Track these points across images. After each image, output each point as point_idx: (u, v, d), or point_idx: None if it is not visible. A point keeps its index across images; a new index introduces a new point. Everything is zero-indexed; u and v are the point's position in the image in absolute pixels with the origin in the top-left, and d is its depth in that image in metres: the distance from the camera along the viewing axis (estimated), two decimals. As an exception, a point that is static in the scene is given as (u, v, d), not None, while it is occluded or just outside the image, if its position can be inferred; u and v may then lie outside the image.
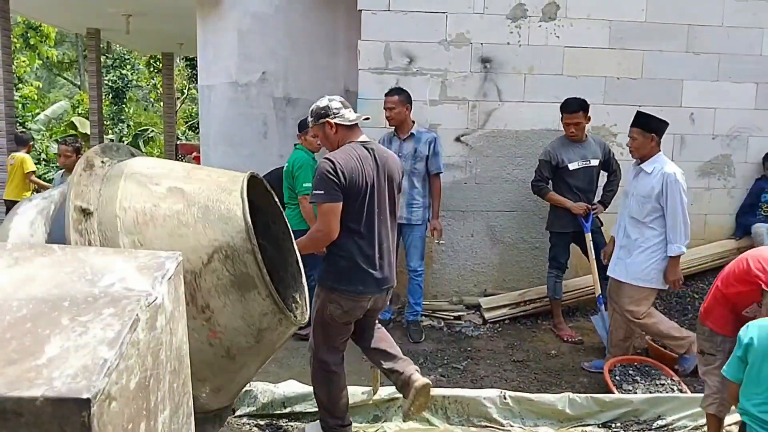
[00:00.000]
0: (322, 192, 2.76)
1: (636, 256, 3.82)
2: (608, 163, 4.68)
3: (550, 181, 4.66)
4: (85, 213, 1.92)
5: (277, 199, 2.57)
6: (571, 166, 4.53)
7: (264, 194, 2.48)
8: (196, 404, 1.68)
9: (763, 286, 2.60)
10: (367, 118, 3.09)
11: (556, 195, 4.61)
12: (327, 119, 2.92)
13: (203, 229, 1.97)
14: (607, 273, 4.08)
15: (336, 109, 2.93)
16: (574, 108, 4.47)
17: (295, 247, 2.58)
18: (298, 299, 2.48)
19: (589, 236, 4.51)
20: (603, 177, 4.75)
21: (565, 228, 4.62)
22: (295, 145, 4.78)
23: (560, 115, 4.59)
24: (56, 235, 1.93)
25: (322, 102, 2.97)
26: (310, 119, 3.04)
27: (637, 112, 4.01)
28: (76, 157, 5.26)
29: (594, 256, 4.47)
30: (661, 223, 3.78)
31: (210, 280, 1.93)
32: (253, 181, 2.29)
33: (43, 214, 2.04)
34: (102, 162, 2.13)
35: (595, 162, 4.58)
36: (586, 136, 4.62)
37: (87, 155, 2.12)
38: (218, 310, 1.94)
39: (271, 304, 2.01)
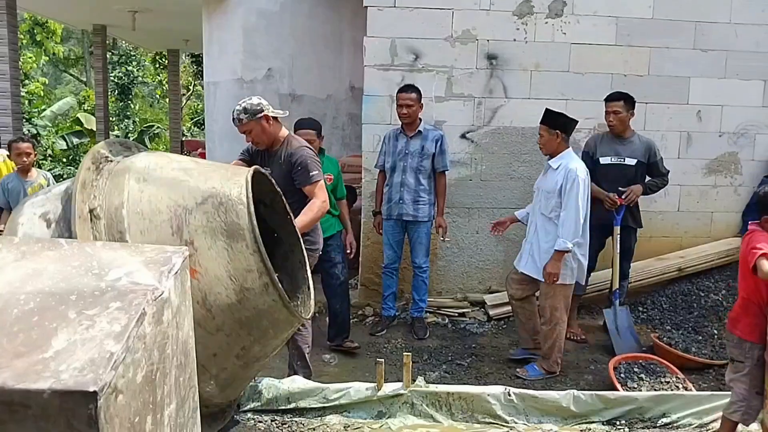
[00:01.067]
0: (318, 171, 3.32)
1: (544, 252, 3.87)
2: (653, 166, 4.48)
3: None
4: (93, 215, 1.94)
5: (291, 216, 2.60)
6: (603, 160, 4.44)
7: (281, 214, 2.51)
8: None
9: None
10: (286, 114, 3.51)
11: (594, 186, 4.32)
12: (264, 113, 3.30)
13: (204, 180, 2.06)
14: (520, 269, 4.05)
15: (267, 104, 3.36)
16: (614, 96, 4.44)
17: (308, 272, 2.59)
18: (304, 305, 2.47)
19: (617, 230, 4.43)
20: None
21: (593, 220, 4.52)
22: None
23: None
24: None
25: (253, 100, 3.36)
26: (243, 116, 3.33)
27: (546, 109, 4.08)
28: (34, 155, 4.82)
29: (618, 251, 4.43)
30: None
31: (200, 219, 1.96)
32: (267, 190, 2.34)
33: (48, 216, 2.05)
34: (108, 158, 2.14)
35: (631, 161, 4.42)
36: (633, 133, 4.51)
37: (93, 150, 2.13)
38: (202, 251, 1.94)
39: (258, 262, 2.00)
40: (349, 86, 6.94)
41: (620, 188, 4.38)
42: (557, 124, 3.91)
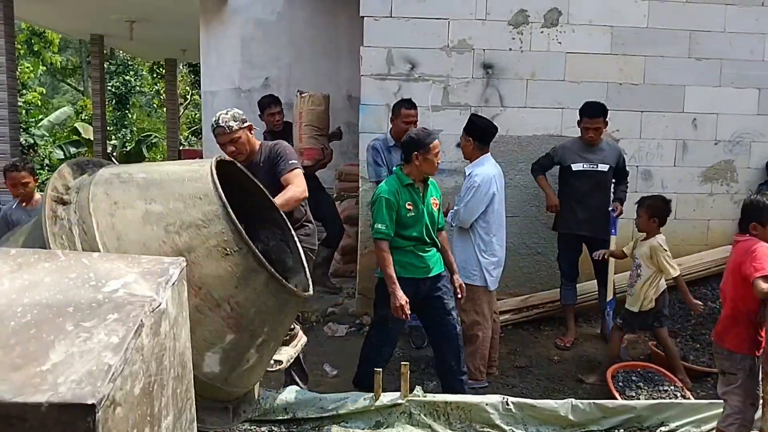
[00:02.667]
0: (296, 161, 3.42)
1: (459, 254, 3.91)
2: (621, 170, 4.63)
3: (549, 174, 4.74)
4: (63, 202, 1.94)
5: (269, 195, 2.56)
6: (575, 167, 4.51)
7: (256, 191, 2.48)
8: None
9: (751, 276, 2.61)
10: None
11: (543, 180, 4.65)
12: (249, 123, 3.46)
13: (181, 213, 1.98)
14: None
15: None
16: (596, 113, 4.47)
17: (302, 255, 2.57)
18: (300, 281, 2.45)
19: (614, 239, 4.47)
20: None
21: (567, 229, 4.61)
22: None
23: (578, 119, 4.58)
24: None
25: (234, 110, 3.45)
26: (233, 123, 3.35)
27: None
28: (34, 182, 4.16)
29: (612, 261, 4.46)
30: (476, 224, 3.91)
31: (199, 250, 1.91)
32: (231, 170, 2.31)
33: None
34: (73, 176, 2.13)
35: (603, 167, 4.52)
36: (602, 140, 4.60)
37: (60, 169, 2.13)
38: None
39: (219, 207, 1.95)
40: (346, 95, 6.96)
41: (610, 209, 4.51)
42: (470, 131, 4.03)
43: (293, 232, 2.57)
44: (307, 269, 2.51)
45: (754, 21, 5.25)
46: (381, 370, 3.32)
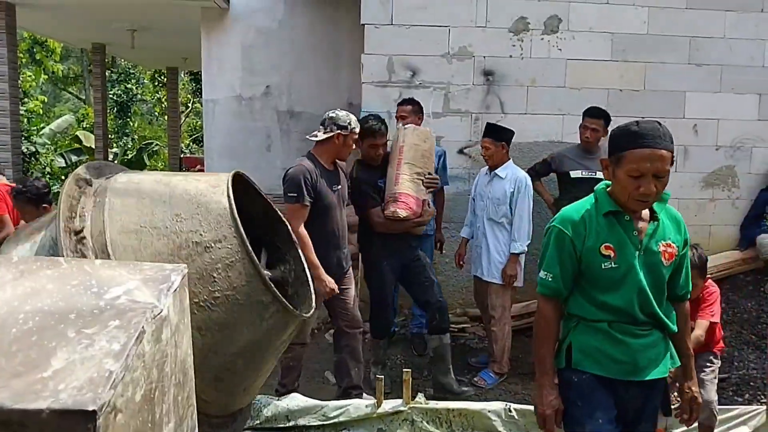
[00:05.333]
0: (293, 193, 3.38)
1: (497, 255, 4.15)
2: None
3: (544, 179, 4.81)
4: (77, 234, 1.93)
5: (275, 209, 2.57)
6: (573, 174, 4.52)
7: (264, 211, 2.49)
8: None
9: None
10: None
11: (540, 185, 4.71)
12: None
13: (191, 235, 2.00)
14: (479, 276, 4.28)
15: None
16: (596, 113, 4.52)
17: (302, 257, 2.58)
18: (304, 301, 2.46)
19: None
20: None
21: None
22: None
23: (576, 123, 4.61)
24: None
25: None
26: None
27: (487, 123, 4.42)
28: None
29: None
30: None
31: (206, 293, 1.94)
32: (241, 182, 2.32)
33: (35, 240, 2.04)
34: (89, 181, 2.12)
35: (602, 175, 4.54)
36: (599, 148, 4.60)
37: (75, 173, 2.12)
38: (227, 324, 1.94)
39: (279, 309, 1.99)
40: (347, 103, 6.98)
41: None
42: (502, 137, 4.19)
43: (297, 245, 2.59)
44: (312, 285, 2.53)
45: (754, 27, 5.26)
46: (383, 377, 3.32)
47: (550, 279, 2.08)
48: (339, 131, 3.47)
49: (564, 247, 2.05)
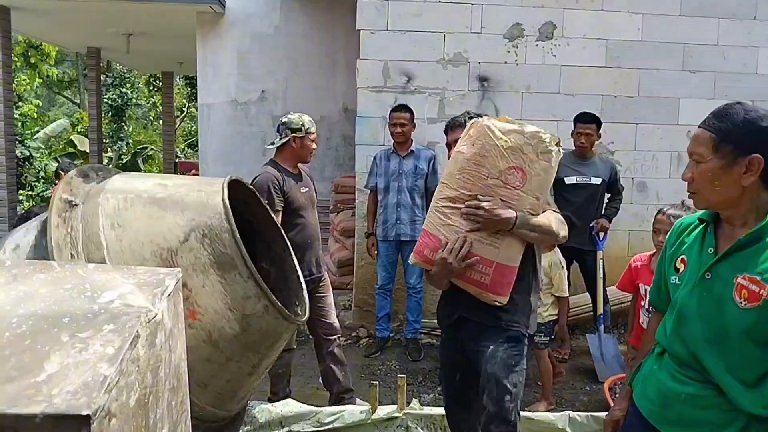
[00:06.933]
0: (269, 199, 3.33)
1: None
2: (613, 184, 4.67)
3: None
4: (70, 204, 1.93)
5: (272, 215, 2.56)
6: (568, 180, 4.54)
7: (259, 210, 2.47)
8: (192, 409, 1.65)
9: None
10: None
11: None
12: None
13: (181, 211, 1.98)
14: None
15: None
16: (588, 119, 4.53)
17: (296, 264, 2.57)
18: (299, 311, 2.46)
19: (601, 254, 4.49)
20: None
21: None
22: None
23: (571, 129, 4.63)
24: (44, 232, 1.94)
25: None
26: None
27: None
28: None
29: (601, 275, 4.46)
30: None
31: (187, 258, 1.91)
32: (243, 190, 2.30)
33: (33, 225, 2.04)
34: (72, 203, 2.12)
35: (596, 181, 4.56)
36: (593, 153, 4.63)
37: (78, 168, 2.13)
38: (197, 290, 1.91)
39: (254, 287, 1.98)
40: (343, 108, 7.00)
41: (590, 225, 4.56)
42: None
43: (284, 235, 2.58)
44: (305, 288, 2.52)
45: (747, 34, 5.30)
46: (377, 383, 3.31)
47: (651, 288, 1.87)
48: (293, 134, 3.50)
49: (663, 255, 1.79)
